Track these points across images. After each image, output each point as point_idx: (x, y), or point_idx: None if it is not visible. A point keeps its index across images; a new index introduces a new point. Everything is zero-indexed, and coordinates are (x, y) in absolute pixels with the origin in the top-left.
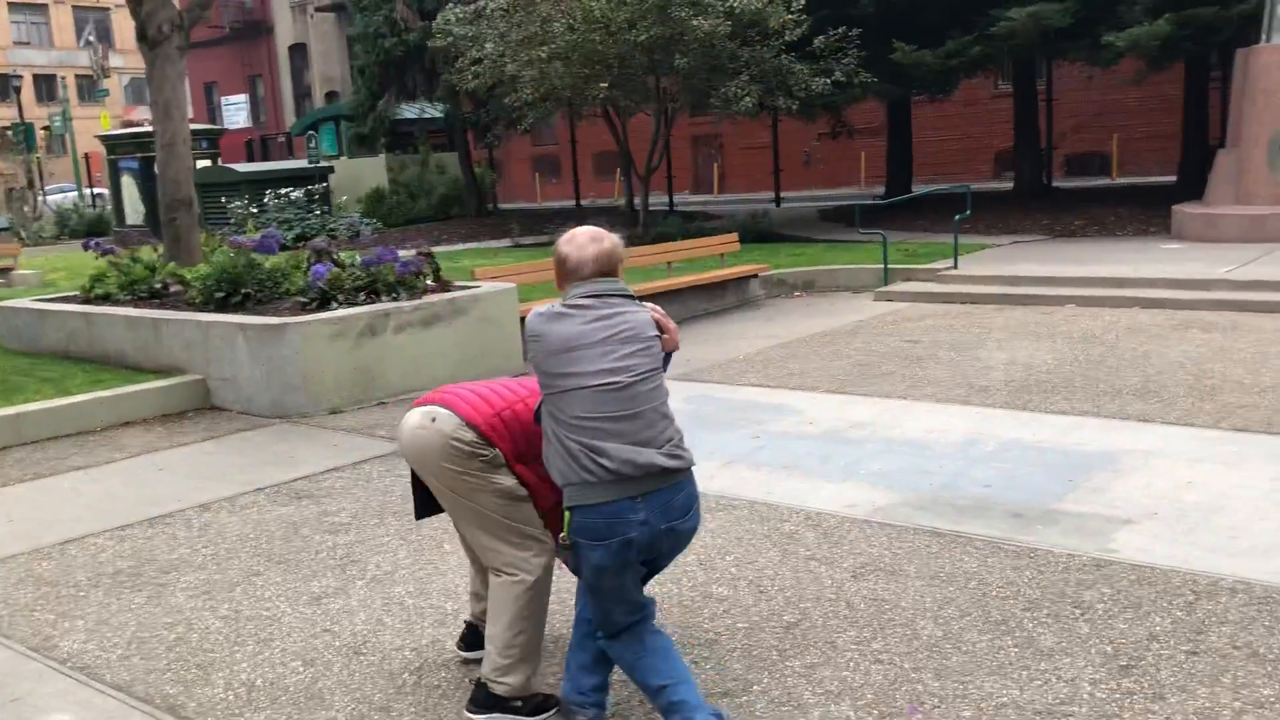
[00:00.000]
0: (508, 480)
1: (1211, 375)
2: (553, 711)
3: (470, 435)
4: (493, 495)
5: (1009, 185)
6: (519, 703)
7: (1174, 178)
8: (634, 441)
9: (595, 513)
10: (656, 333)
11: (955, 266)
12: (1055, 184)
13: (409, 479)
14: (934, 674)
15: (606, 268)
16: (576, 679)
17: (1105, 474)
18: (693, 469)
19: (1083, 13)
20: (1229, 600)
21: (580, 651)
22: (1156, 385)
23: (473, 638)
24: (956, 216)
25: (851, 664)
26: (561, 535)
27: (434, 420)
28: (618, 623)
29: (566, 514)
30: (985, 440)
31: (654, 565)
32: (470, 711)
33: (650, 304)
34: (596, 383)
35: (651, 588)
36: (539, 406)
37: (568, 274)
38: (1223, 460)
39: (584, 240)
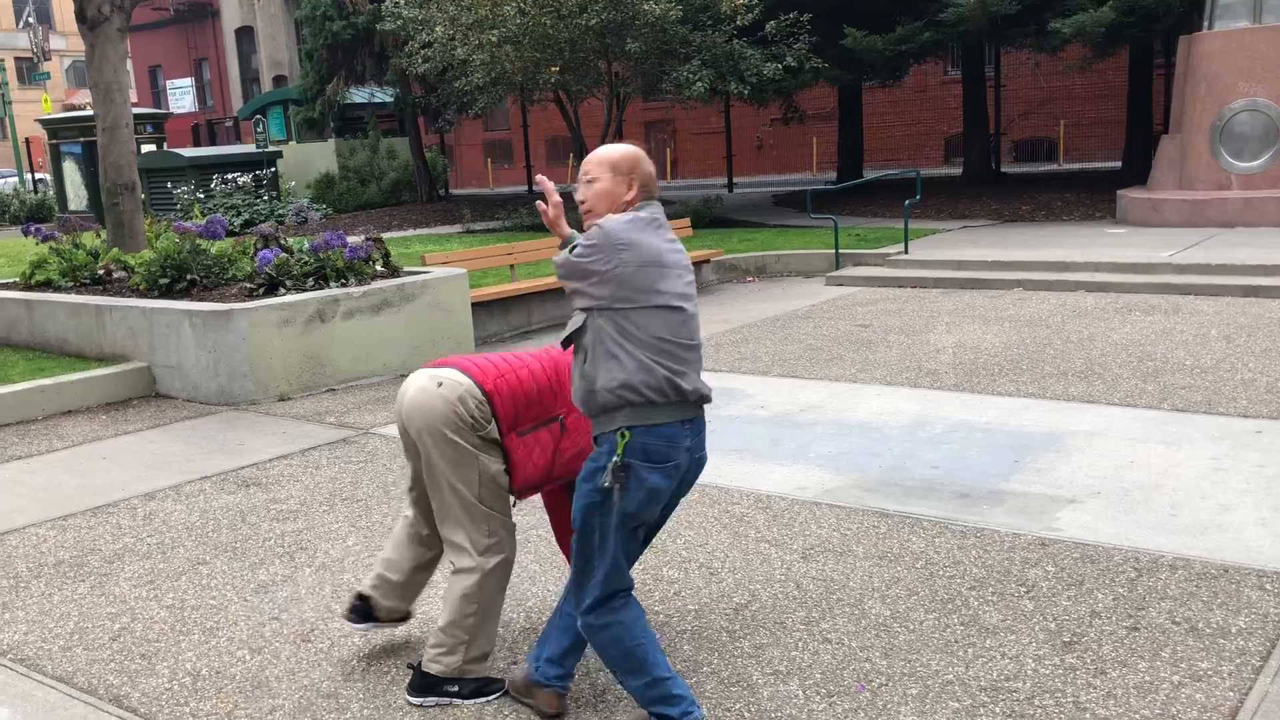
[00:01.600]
0: (495, 465)
1: (1154, 357)
2: (494, 695)
3: (473, 404)
4: (478, 474)
5: (958, 171)
6: (455, 686)
7: (1119, 163)
8: (697, 370)
9: (657, 435)
10: None
11: (905, 251)
12: (1004, 169)
13: (371, 463)
14: (881, 653)
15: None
16: (544, 669)
17: (1050, 454)
18: None
19: None
20: (1169, 576)
21: (557, 639)
22: (1100, 367)
23: (364, 609)
24: (907, 202)
25: (800, 644)
26: (614, 460)
27: (440, 385)
28: (621, 582)
29: (622, 436)
30: (933, 422)
31: (662, 519)
32: (409, 695)
33: None
34: (679, 304)
35: None
36: (581, 326)
37: (642, 187)
38: (1164, 440)
39: (644, 155)
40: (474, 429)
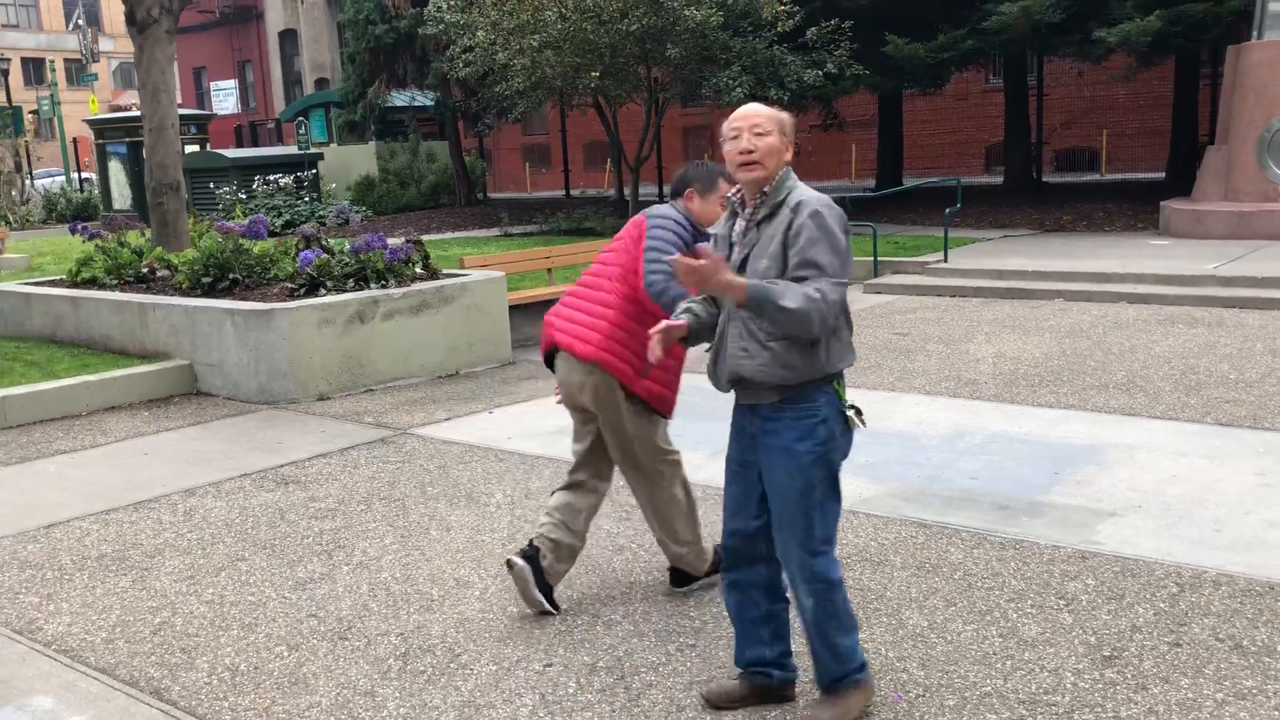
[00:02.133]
0: (647, 415)
1: (1197, 370)
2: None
3: (616, 384)
4: (647, 426)
5: (999, 180)
6: (703, 576)
7: (1163, 174)
8: None
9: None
10: None
11: (945, 260)
12: (1045, 179)
13: (409, 463)
14: (919, 663)
15: None
16: (760, 652)
17: (1091, 467)
18: None
19: (1074, 8)
20: (1212, 592)
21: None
22: (1142, 379)
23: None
24: (946, 210)
25: None
26: (850, 405)
27: (590, 373)
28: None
29: (838, 384)
30: (972, 433)
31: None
32: (675, 586)
33: None
34: None
35: (642, 575)
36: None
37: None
38: (1207, 454)
39: None
40: (627, 398)
